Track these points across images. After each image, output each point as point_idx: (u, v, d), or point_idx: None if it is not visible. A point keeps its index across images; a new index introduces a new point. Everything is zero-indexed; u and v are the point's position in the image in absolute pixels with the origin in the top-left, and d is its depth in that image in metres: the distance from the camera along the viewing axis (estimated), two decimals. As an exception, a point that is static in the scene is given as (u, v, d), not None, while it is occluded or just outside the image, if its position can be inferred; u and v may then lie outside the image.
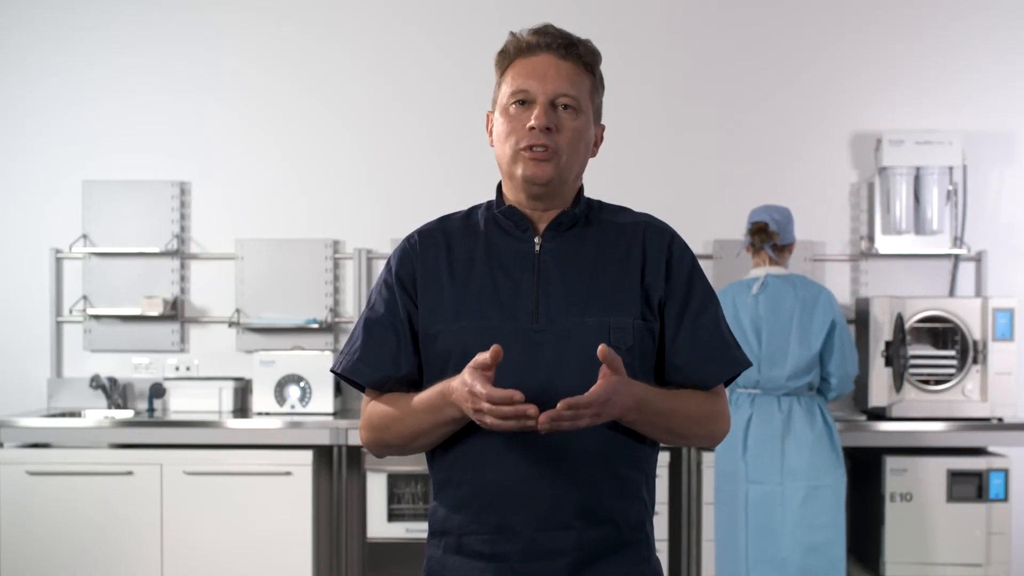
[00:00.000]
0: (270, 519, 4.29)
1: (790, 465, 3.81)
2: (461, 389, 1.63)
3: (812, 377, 3.88)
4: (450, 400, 1.66)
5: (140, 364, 4.92)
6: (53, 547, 4.28)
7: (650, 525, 1.81)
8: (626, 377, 1.64)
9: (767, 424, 3.83)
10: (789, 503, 3.79)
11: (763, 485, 3.83)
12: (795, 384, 3.86)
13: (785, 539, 3.79)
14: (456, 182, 4.88)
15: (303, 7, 4.98)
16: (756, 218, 4.03)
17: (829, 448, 3.84)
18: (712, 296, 1.83)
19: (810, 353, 3.84)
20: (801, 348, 3.84)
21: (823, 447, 3.82)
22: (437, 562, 1.79)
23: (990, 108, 4.92)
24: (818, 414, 3.87)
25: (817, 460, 3.81)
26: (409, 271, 1.82)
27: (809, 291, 3.91)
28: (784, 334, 3.87)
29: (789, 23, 4.97)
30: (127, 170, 4.95)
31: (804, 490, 3.79)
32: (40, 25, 4.98)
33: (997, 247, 4.89)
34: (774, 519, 3.81)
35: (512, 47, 1.80)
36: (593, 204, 1.86)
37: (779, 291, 3.91)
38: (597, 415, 1.60)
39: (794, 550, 3.78)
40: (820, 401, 3.93)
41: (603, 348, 1.60)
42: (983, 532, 4.27)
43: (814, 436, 3.83)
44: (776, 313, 3.89)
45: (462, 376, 1.63)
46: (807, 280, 3.98)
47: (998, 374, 4.41)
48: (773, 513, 3.81)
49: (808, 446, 3.81)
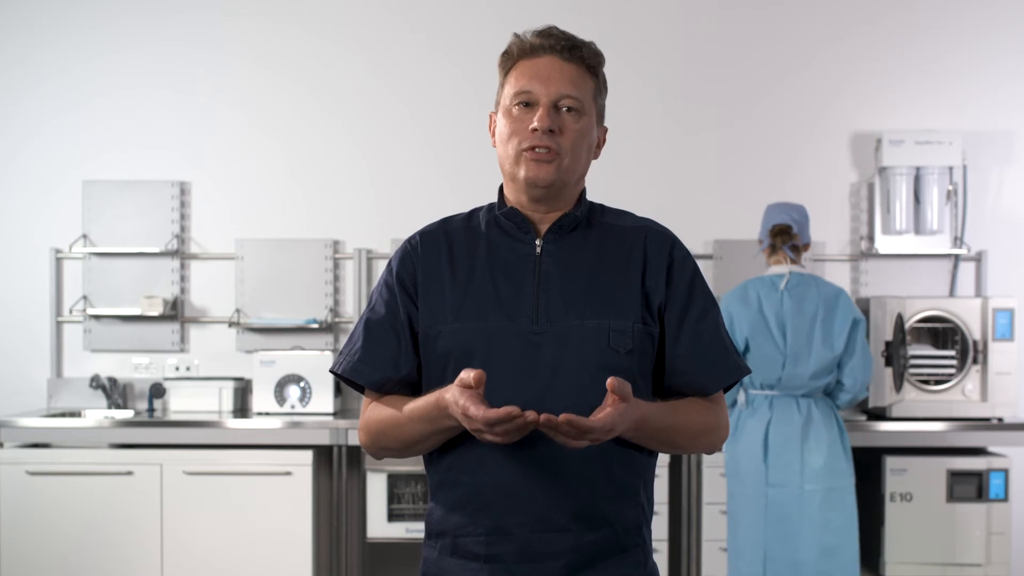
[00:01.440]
0: (270, 519, 4.29)
1: (810, 467, 3.77)
2: (454, 407, 1.61)
3: (831, 378, 3.84)
4: (446, 413, 1.65)
5: (140, 364, 4.93)
6: (53, 547, 4.28)
7: (647, 529, 1.81)
8: (632, 403, 1.63)
9: (788, 426, 3.78)
10: (808, 505, 3.75)
11: (783, 488, 3.77)
12: (816, 384, 3.81)
13: (803, 541, 3.75)
14: (456, 182, 4.88)
15: (303, 7, 4.98)
16: (777, 219, 3.97)
17: (842, 450, 3.81)
18: (712, 302, 1.83)
19: (832, 353, 3.79)
20: (824, 347, 3.79)
21: (838, 449, 3.80)
22: (433, 563, 1.78)
23: (990, 108, 4.92)
24: (832, 416, 3.84)
25: (834, 462, 3.78)
26: (410, 272, 1.81)
27: (830, 291, 3.87)
28: (808, 332, 3.81)
29: (789, 23, 4.97)
30: (127, 170, 4.95)
31: (822, 492, 3.75)
32: (40, 25, 4.98)
33: (997, 247, 4.89)
34: (793, 521, 3.76)
35: (516, 48, 1.79)
36: (595, 207, 1.86)
37: (803, 289, 3.86)
38: (596, 440, 1.60)
39: (810, 552, 3.74)
40: (833, 405, 3.89)
41: (612, 381, 1.59)
42: (983, 532, 4.27)
43: (830, 438, 3.80)
44: (801, 311, 3.83)
45: (453, 395, 1.61)
46: (825, 280, 3.94)
47: (998, 374, 4.41)
48: (792, 515, 3.76)
49: (826, 448, 3.77)
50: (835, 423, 3.83)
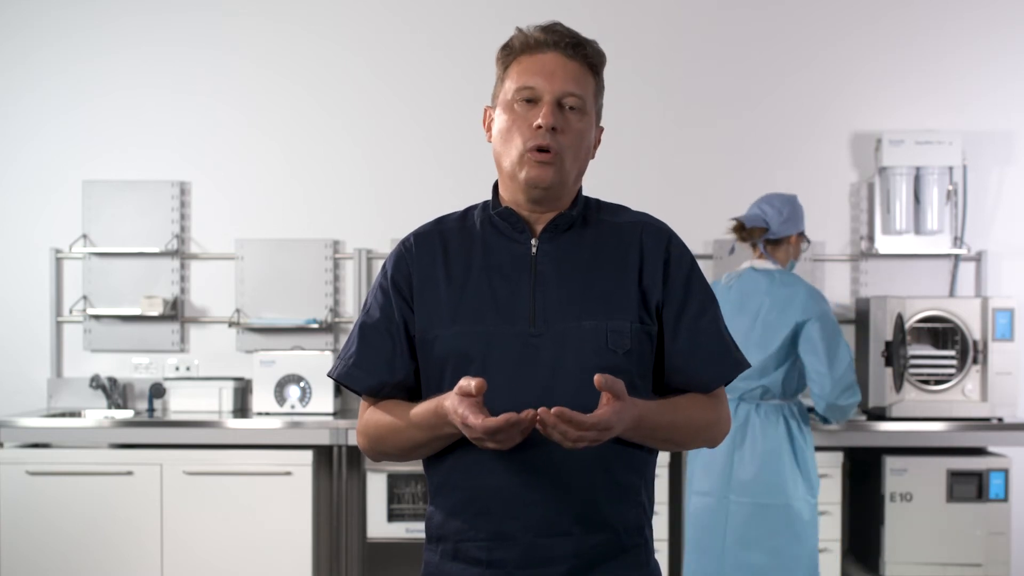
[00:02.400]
0: (270, 519, 4.29)
1: (738, 478, 3.48)
2: (454, 415, 1.60)
3: (769, 382, 3.54)
4: (445, 420, 1.64)
5: (140, 364, 4.93)
6: (53, 547, 4.28)
7: (649, 529, 1.80)
8: (628, 401, 1.62)
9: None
10: (732, 520, 3.47)
11: (706, 497, 3.54)
12: (749, 386, 3.53)
13: (725, 558, 3.48)
14: (456, 182, 4.88)
15: (303, 7, 4.98)
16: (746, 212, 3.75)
17: (789, 464, 3.48)
18: (711, 297, 1.81)
19: (764, 353, 3.51)
20: (759, 348, 3.51)
21: (779, 462, 3.47)
22: (435, 567, 1.77)
23: (990, 108, 4.91)
24: (781, 425, 3.53)
25: (769, 476, 3.46)
26: (405, 275, 1.79)
27: (787, 289, 3.58)
28: (746, 332, 3.54)
29: (789, 22, 4.97)
30: (127, 170, 4.95)
31: (749, 507, 3.45)
32: (40, 25, 4.98)
33: (997, 247, 4.89)
34: (714, 535, 3.50)
35: (518, 43, 1.77)
36: (591, 204, 1.84)
37: (751, 286, 3.62)
38: (595, 440, 1.58)
39: (730, 569, 3.47)
40: (792, 411, 3.59)
41: (599, 378, 1.57)
42: (983, 532, 4.27)
43: (770, 448, 3.48)
44: (742, 309, 3.58)
45: (452, 403, 1.60)
46: (791, 277, 3.65)
47: (998, 374, 4.41)
48: (714, 529, 3.51)
49: (760, 459, 3.47)
50: (783, 433, 3.51)
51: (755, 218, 3.69)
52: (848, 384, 3.56)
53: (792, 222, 3.72)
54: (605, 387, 1.58)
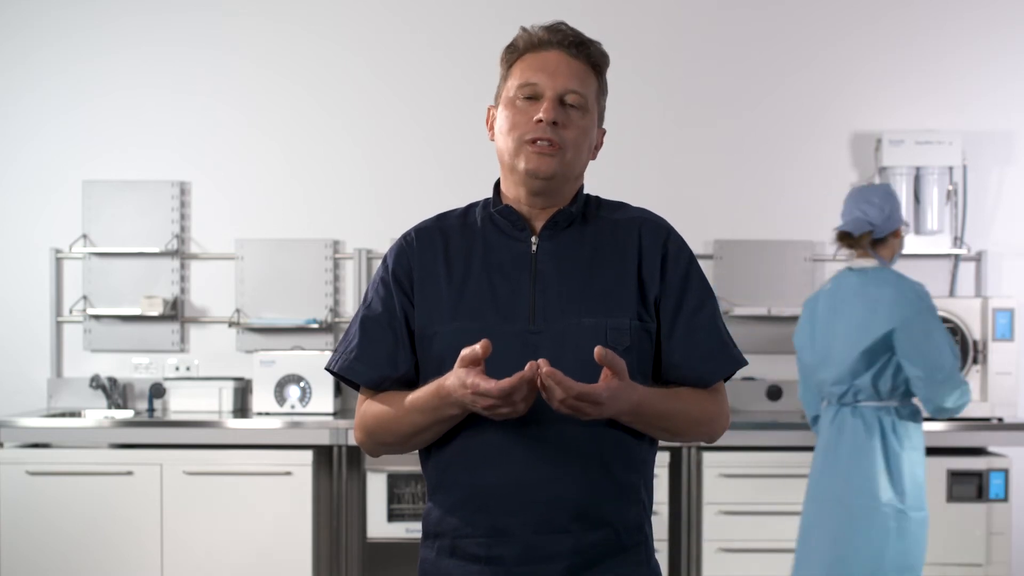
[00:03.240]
0: (270, 519, 4.29)
1: (829, 480, 3.46)
2: (461, 391, 1.60)
3: (861, 383, 3.43)
4: (449, 401, 1.64)
5: (140, 364, 4.92)
6: (53, 547, 4.28)
7: (648, 527, 1.80)
8: (628, 381, 1.62)
9: (821, 436, 3.54)
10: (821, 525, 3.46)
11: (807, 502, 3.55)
12: (838, 390, 3.47)
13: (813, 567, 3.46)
14: (456, 182, 4.88)
15: (303, 7, 4.98)
16: (842, 220, 3.59)
17: (880, 470, 3.37)
18: (709, 292, 1.81)
19: (854, 353, 3.41)
20: (847, 348, 3.44)
21: (870, 465, 3.38)
22: (431, 564, 1.77)
23: (990, 108, 4.91)
24: (876, 427, 3.42)
25: (859, 479, 3.38)
26: (406, 269, 1.80)
27: (876, 290, 3.44)
28: (838, 334, 3.49)
29: (789, 22, 4.97)
30: (127, 170, 4.95)
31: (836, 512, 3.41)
32: (40, 25, 4.98)
33: (997, 247, 4.89)
34: (809, 541, 3.49)
35: (522, 41, 1.78)
36: (591, 200, 1.84)
37: (845, 288, 3.53)
38: (586, 414, 1.59)
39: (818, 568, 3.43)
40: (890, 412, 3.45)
41: (599, 350, 1.58)
42: (983, 532, 4.27)
43: (851, 452, 3.42)
44: (836, 312, 3.52)
45: (458, 377, 1.61)
46: (882, 276, 3.49)
47: (998, 374, 4.41)
48: (810, 534, 3.49)
49: (844, 463, 3.42)
50: (877, 438, 3.40)
51: (860, 223, 3.53)
52: (952, 385, 3.35)
53: (895, 216, 3.55)
54: (605, 360, 1.58)
